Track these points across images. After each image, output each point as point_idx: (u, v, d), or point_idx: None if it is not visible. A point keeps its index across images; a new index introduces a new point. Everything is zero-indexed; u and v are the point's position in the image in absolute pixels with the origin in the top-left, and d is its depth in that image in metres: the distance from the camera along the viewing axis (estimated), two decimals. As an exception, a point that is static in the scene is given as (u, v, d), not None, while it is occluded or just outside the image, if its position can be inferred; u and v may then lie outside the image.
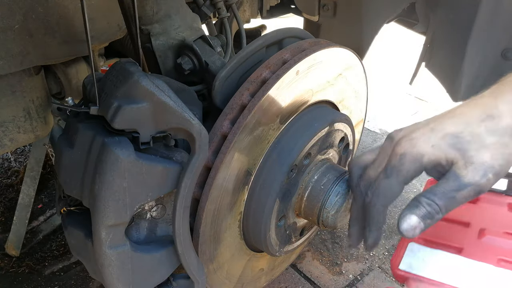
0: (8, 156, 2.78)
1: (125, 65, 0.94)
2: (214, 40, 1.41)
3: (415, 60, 1.96)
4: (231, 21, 1.69)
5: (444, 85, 1.92)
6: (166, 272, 1.13)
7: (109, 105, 0.89)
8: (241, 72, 1.30)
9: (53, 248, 2.20)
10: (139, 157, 0.92)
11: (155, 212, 1.06)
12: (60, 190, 1.07)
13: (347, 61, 1.50)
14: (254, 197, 1.32)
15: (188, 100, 1.19)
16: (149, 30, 1.31)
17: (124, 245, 0.98)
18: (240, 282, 1.54)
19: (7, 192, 2.53)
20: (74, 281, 1.99)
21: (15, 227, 2.15)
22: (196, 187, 1.18)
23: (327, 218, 1.39)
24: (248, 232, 1.39)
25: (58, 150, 1.00)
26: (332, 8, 1.97)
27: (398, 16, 1.99)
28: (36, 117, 1.29)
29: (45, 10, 1.11)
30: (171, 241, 1.07)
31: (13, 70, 1.13)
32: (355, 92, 1.65)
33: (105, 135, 0.92)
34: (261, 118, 1.22)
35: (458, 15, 1.70)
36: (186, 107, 0.96)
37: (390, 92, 3.44)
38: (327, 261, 2.04)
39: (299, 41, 1.38)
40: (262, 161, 1.30)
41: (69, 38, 1.20)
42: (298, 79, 1.29)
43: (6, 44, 1.07)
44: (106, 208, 0.91)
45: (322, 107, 1.47)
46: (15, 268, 2.09)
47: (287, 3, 2.34)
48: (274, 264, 1.70)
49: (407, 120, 3.04)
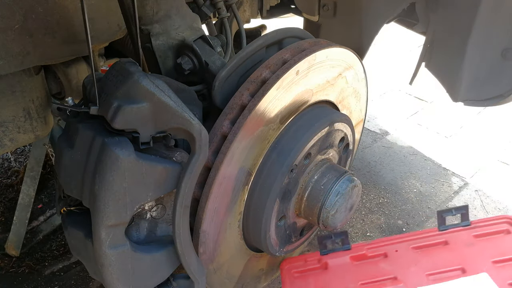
0: (8, 156, 2.78)
1: (125, 65, 0.94)
2: (214, 40, 1.41)
3: (415, 60, 1.96)
4: (231, 21, 1.69)
5: (444, 85, 1.92)
6: (166, 272, 1.13)
7: (109, 105, 0.89)
8: (241, 72, 1.30)
9: (53, 248, 2.20)
10: (139, 157, 0.92)
11: (155, 212, 1.06)
12: (60, 190, 1.07)
13: (347, 61, 1.50)
14: (254, 197, 1.32)
15: (188, 100, 1.19)
16: (149, 30, 1.31)
17: (124, 245, 0.98)
18: (240, 282, 1.54)
19: (7, 192, 2.53)
20: (74, 281, 1.99)
21: (15, 227, 2.15)
22: (196, 187, 1.18)
23: (327, 218, 1.40)
24: (248, 232, 1.39)
25: (58, 150, 1.00)
26: (332, 8, 1.97)
27: (398, 16, 1.99)
28: (36, 117, 1.29)
29: (45, 10, 1.11)
30: (171, 241, 1.07)
31: (13, 70, 1.13)
32: (355, 92, 1.65)
33: (105, 135, 0.92)
34: (261, 118, 1.22)
35: (458, 15, 1.70)
36: (186, 107, 0.96)
37: (390, 92, 3.44)
38: (327, 261, 2.04)
39: (299, 41, 1.38)
40: (262, 161, 1.30)
41: (69, 38, 1.20)
42: (298, 79, 1.29)
43: (6, 44, 1.07)
44: (106, 208, 0.91)
45: (322, 107, 1.47)
46: (15, 268, 2.09)
47: (287, 3, 2.33)
48: (274, 264, 1.70)
49: (407, 120, 3.05)
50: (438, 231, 1.63)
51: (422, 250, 1.59)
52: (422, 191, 2.41)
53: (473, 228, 1.63)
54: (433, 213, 2.26)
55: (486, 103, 1.89)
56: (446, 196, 2.38)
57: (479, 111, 3.10)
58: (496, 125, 2.97)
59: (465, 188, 2.44)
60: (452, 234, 1.62)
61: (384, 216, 2.25)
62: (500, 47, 1.74)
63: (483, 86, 1.85)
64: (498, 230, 1.62)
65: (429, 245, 1.60)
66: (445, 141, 2.83)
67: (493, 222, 1.65)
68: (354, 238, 2.14)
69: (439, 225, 1.63)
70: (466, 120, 3.03)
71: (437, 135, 2.89)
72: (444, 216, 1.63)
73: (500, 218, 1.67)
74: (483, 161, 2.64)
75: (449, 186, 2.45)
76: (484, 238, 1.60)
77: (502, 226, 1.63)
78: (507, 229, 1.62)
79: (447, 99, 1.96)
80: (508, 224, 1.64)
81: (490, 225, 1.64)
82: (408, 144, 2.82)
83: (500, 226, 1.63)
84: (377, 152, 2.76)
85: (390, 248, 1.60)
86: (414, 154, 2.72)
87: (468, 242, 1.58)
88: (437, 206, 2.30)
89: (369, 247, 1.61)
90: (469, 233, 1.61)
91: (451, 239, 1.60)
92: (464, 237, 1.60)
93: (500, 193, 2.39)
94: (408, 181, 2.50)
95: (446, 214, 1.63)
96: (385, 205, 2.32)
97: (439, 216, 1.64)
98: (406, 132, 2.94)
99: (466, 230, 1.62)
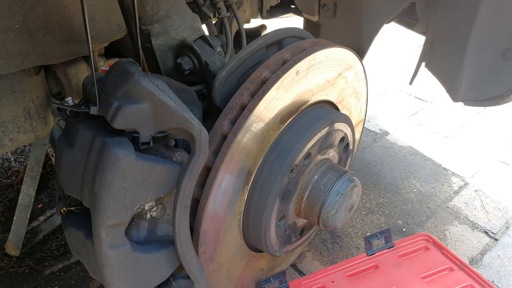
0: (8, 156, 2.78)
1: (125, 65, 0.94)
2: (214, 40, 1.41)
3: (415, 60, 1.96)
4: (231, 21, 1.69)
5: (444, 85, 1.92)
6: (166, 272, 1.13)
7: (109, 105, 0.89)
8: (241, 72, 1.30)
9: (53, 248, 2.20)
10: (139, 157, 0.92)
11: (155, 212, 1.06)
12: (60, 190, 1.07)
13: (347, 61, 1.50)
14: (254, 197, 1.32)
15: (188, 100, 1.19)
16: (149, 30, 1.31)
17: (124, 245, 0.98)
18: (240, 282, 1.54)
19: (7, 192, 2.53)
20: (74, 281, 1.99)
21: (15, 227, 2.15)
22: (196, 187, 1.18)
23: (327, 218, 1.40)
24: (248, 232, 1.39)
25: (58, 150, 1.00)
26: (332, 8, 1.97)
27: (398, 16, 1.99)
28: (36, 117, 1.29)
29: (45, 10, 1.11)
30: (171, 241, 1.07)
31: (13, 70, 1.13)
32: (355, 92, 1.65)
33: (105, 135, 0.92)
34: (261, 118, 1.22)
35: (458, 15, 1.70)
36: (186, 107, 0.96)
37: (390, 92, 3.44)
38: (327, 261, 2.04)
39: (299, 41, 1.38)
40: (262, 161, 1.30)
41: (69, 38, 1.20)
42: (298, 79, 1.29)
43: (6, 44, 1.07)
44: (106, 208, 0.91)
45: (322, 107, 1.47)
46: (15, 268, 2.09)
47: (287, 3, 2.34)
48: (274, 264, 1.70)
49: (407, 120, 3.05)
50: (367, 256, 1.76)
51: (357, 277, 1.71)
52: (422, 191, 2.42)
53: (396, 249, 1.79)
54: (433, 213, 2.26)
55: (486, 103, 1.89)
56: (446, 196, 2.38)
57: (479, 111, 3.10)
58: (496, 125, 2.97)
59: (465, 188, 2.44)
60: (380, 257, 1.76)
61: (384, 216, 2.25)
62: (500, 47, 1.74)
63: (483, 86, 1.85)
64: (418, 247, 1.80)
65: (361, 270, 1.73)
66: (445, 141, 2.83)
67: (412, 241, 1.83)
68: (354, 238, 2.14)
69: (367, 250, 1.77)
70: (466, 120, 3.03)
71: (437, 135, 2.90)
72: (370, 241, 1.77)
73: (418, 236, 1.85)
74: (483, 161, 2.64)
75: (449, 186, 2.45)
76: (408, 257, 1.77)
77: (420, 243, 1.82)
78: (425, 246, 1.81)
79: (447, 99, 1.96)
80: (426, 241, 1.82)
81: (410, 243, 1.81)
82: (408, 144, 2.82)
83: (418, 243, 1.82)
84: (377, 152, 2.76)
85: (326, 279, 1.69)
86: (414, 154, 2.72)
87: (395, 262, 1.74)
88: (437, 206, 2.30)
89: (307, 281, 1.69)
90: (394, 254, 1.77)
91: (380, 262, 1.74)
92: (391, 259, 1.75)
93: (500, 193, 2.39)
94: (408, 181, 2.50)
95: (372, 238, 1.78)
96: (385, 205, 2.32)
97: (366, 242, 1.77)
98: (406, 132, 2.94)
99: (391, 252, 1.78)
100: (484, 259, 2.03)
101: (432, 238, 1.82)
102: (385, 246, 1.78)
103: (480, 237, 2.14)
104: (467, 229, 2.19)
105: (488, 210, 2.28)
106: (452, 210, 2.29)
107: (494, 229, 2.18)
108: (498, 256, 2.04)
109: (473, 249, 2.08)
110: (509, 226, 2.20)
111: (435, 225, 2.20)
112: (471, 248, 2.08)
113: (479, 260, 2.03)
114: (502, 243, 2.11)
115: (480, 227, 2.20)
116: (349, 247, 2.10)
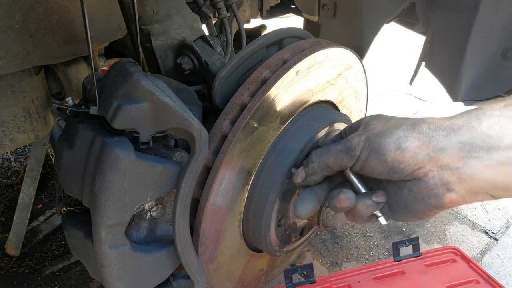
0: (8, 156, 2.78)
1: (125, 65, 0.94)
2: (214, 40, 1.41)
3: (415, 60, 1.96)
4: (231, 21, 1.69)
5: (444, 85, 1.92)
6: (166, 272, 1.13)
7: (109, 105, 0.89)
8: (241, 72, 1.30)
9: (53, 248, 2.20)
10: (139, 157, 0.92)
11: (155, 212, 1.06)
12: (60, 190, 1.07)
13: (347, 61, 1.50)
14: (254, 197, 1.32)
15: (188, 100, 1.19)
16: (149, 30, 1.31)
17: (124, 245, 0.98)
18: (240, 282, 1.54)
19: (7, 192, 2.53)
20: (74, 281, 1.99)
21: (15, 227, 2.15)
22: (196, 187, 1.18)
23: (327, 218, 1.39)
24: (248, 232, 1.39)
25: (58, 150, 1.00)
26: (332, 8, 1.97)
27: (398, 16, 1.99)
28: (36, 117, 1.29)
29: (45, 10, 1.11)
30: (171, 241, 1.07)
31: (13, 70, 1.13)
32: (355, 92, 1.65)
33: (105, 135, 0.92)
34: (261, 118, 1.22)
35: (458, 15, 1.70)
36: (186, 107, 0.96)
37: (390, 92, 3.44)
38: (327, 261, 2.04)
39: (299, 41, 1.38)
40: (262, 161, 1.30)
41: (69, 38, 1.20)
42: (298, 79, 1.29)
43: (6, 44, 1.07)
44: (106, 208, 0.91)
45: (322, 107, 1.47)
46: (15, 268, 2.09)
47: (287, 3, 2.34)
48: (274, 264, 1.70)
49: (407, 120, 3.04)
50: (394, 262, 1.79)
51: (383, 280, 1.73)
52: (422, 191, 2.41)
53: (423, 258, 1.82)
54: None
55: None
56: (446, 196, 2.37)
57: (479, 111, 3.10)
58: (496, 125, 2.96)
59: (465, 188, 2.43)
60: (406, 264, 1.79)
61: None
62: (500, 47, 1.74)
63: (483, 86, 1.85)
64: (445, 259, 1.82)
65: (388, 274, 1.75)
66: (445, 141, 2.82)
67: (440, 252, 1.85)
68: (354, 238, 2.14)
69: (394, 256, 1.80)
70: (466, 120, 3.02)
71: (437, 135, 2.89)
72: (398, 247, 1.80)
73: (446, 249, 1.86)
74: (483, 161, 2.63)
75: (449, 186, 2.45)
76: (434, 267, 1.79)
77: (448, 255, 1.84)
78: (453, 258, 1.83)
79: (447, 99, 1.96)
80: (454, 254, 1.84)
81: (438, 255, 1.84)
82: (408, 144, 2.81)
83: (446, 255, 1.84)
84: (377, 152, 2.75)
85: (352, 279, 1.72)
86: (414, 154, 2.71)
87: (421, 270, 1.76)
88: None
89: (333, 279, 1.71)
90: (421, 263, 1.79)
91: (406, 269, 1.77)
92: (417, 267, 1.78)
93: (500, 193, 2.39)
94: (408, 181, 2.49)
95: (400, 245, 1.80)
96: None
97: (394, 248, 1.80)
98: (406, 132, 2.93)
99: (418, 260, 1.81)
100: (484, 259, 2.03)
101: (460, 252, 1.85)
102: (413, 254, 1.81)
103: (480, 237, 2.14)
104: (467, 229, 2.19)
105: (488, 210, 2.28)
106: (452, 210, 2.29)
107: (494, 229, 2.18)
108: (498, 256, 2.04)
109: (473, 249, 2.08)
110: (509, 226, 2.20)
111: (435, 225, 2.20)
112: (471, 248, 2.09)
113: (479, 260, 2.03)
114: (502, 243, 2.11)
115: (480, 227, 2.20)
116: (349, 247, 2.11)
